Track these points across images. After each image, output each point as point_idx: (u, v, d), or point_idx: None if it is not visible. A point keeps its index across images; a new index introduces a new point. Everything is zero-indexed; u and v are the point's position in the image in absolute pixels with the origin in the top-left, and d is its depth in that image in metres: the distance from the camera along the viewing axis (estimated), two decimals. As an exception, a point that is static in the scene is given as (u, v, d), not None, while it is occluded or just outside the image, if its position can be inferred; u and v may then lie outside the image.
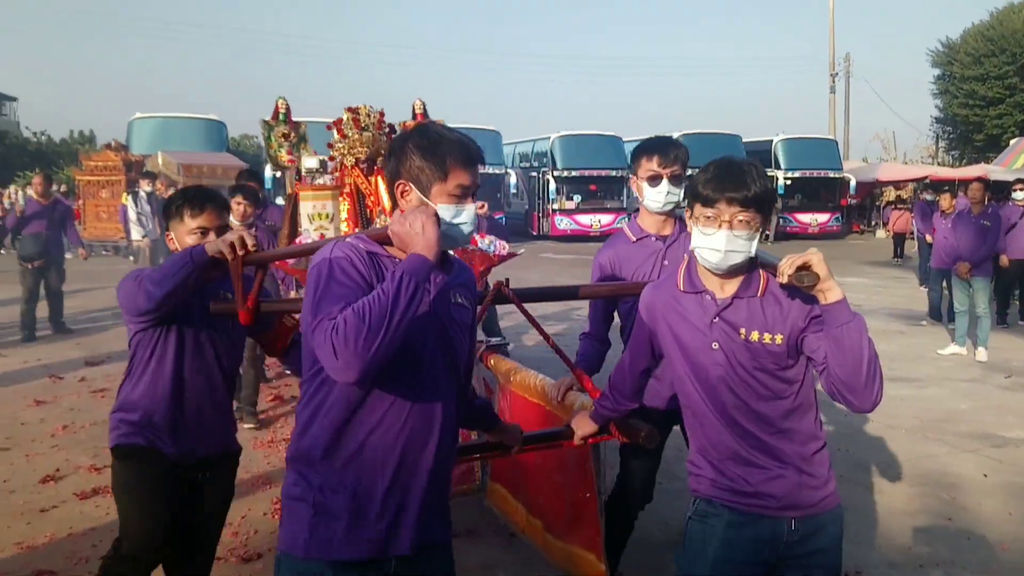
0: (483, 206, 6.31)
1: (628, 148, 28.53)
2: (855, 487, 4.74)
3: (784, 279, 2.06)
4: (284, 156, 5.99)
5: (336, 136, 4.94)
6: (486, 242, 4.60)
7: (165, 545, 2.81)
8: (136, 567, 2.81)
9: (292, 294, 5.64)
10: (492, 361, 3.89)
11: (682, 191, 2.85)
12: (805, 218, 28.10)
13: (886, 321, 10.84)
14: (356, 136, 4.81)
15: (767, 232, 26.33)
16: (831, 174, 28.35)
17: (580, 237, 26.52)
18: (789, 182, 27.56)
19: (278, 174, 5.35)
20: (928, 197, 11.90)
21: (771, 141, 28.30)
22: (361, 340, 1.67)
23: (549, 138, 27.54)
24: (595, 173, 26.98)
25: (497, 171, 25.56)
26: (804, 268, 2.03)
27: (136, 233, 12.07)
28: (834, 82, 38.39)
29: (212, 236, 2.77)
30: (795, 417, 2.22)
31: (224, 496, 3.05)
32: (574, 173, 26.73)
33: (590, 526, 3.13)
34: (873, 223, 31.76)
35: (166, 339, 2.76)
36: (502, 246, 4.70)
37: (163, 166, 18.83)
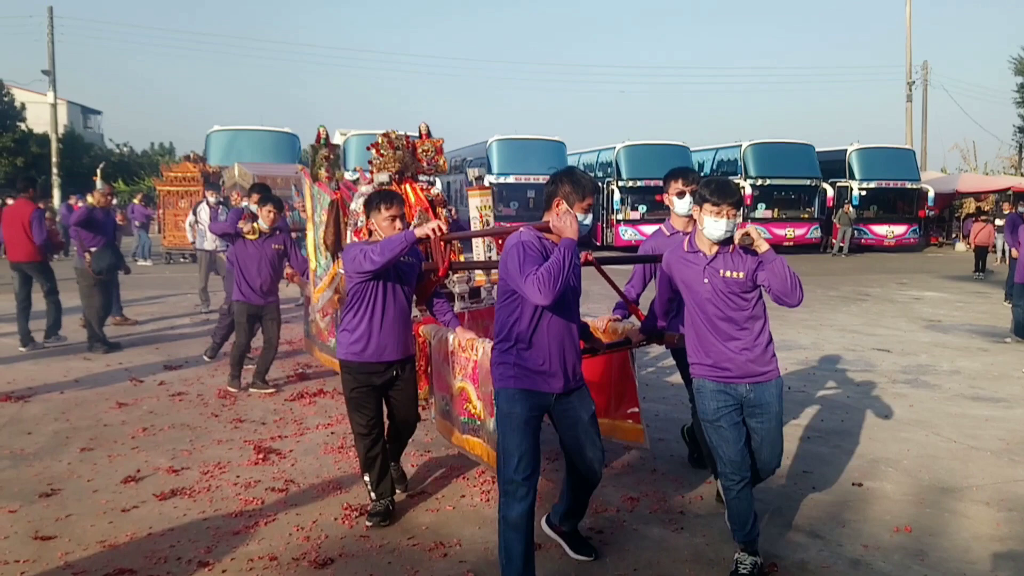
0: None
1: (697, 158, 28.44)
2: (938, 511, 4.56)
3: (737, 243, 3.66)
4: (323, 173, 7.02)
5: (375, 154, 6.18)
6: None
7: (382, 432, 4.53)
8: (364, 440, 4.47)
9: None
10: None
11: None
12: (881, 230, 27.31)
13: (967, 338, 10.43)
14: (390, 154, 6.12)
15: (841, 245, 25.78)
16: (908, 185, 27.50)
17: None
18: (864, 193, 26.84)
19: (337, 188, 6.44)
20: (1022, 209, 11.40)
21: (846, 151, 27.56)
22: (551, 283, 3.28)
23: (614, 148, 27.38)
24: (661, 183, 26.66)
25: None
26: (746, 235, 3.61)
27: (201, 242, 12.26)
28: (911, 91, 37.22)
29: (398, 223, 4.35)
30: (751, 322, 3.74)
31: (413, 382, 4.69)
32: (639, 183, 26.48)
33: (631, 403, 4.86)
34: (952, 236, 30.69)
35: (375, 287, 4.32)
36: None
37: (239, 177, 19.34)
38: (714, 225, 3.64)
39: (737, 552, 3.78)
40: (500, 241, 5.97)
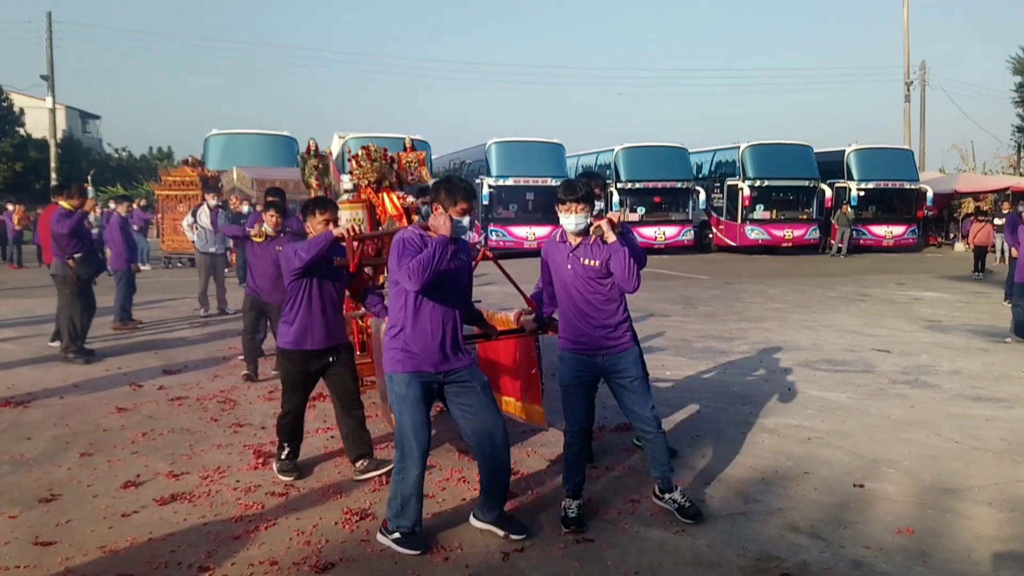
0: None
1: (696, 159, 28.44)
2: (939, 512, 4.55)
3: (592, 236, 4.29)
4: (313, 182, 7.57)
5: (354, 165, 6.68)
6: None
7: (301, 415, 5.28)
8: (287, 414, 5.21)
9: None
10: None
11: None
12: (879, 230, 27.34)
13: (968, 338, 10.43)
14: (368, 165, 6.61)
15: (840, 246, 25.78)
16: (907, 185, 27.53)
17: (644, 250, 26.15)
18: (862, 193, 26.85)
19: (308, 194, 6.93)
20: (1021, 208, 11.40)
21: (844, 151, 27.57)
22: (420, 272, 3.82)
23: (613, 150, 27.38)
24: (660, 185, 26.70)
25: (559, 183, 25.51)
26: (597, 227, 4.23)
27: (204, 246, 12.25)
28: (909, 91, 37.28)
29: (331, 226, 4.98)
30: (607, 304, 4.33)
31: (350, 361, 5.22)
32: (638, 185, 26.51)
33: (536, 388, 5.36)
34: (951, 236, 30.71)
35: (309, 283, 4.92)
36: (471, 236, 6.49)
37: (238, 181, 19.35)
38: (565, 220, 4.32)
39: (565, 499, 4.39)
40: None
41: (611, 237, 4.19)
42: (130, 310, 11.16)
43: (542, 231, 24.28)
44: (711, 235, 27.85)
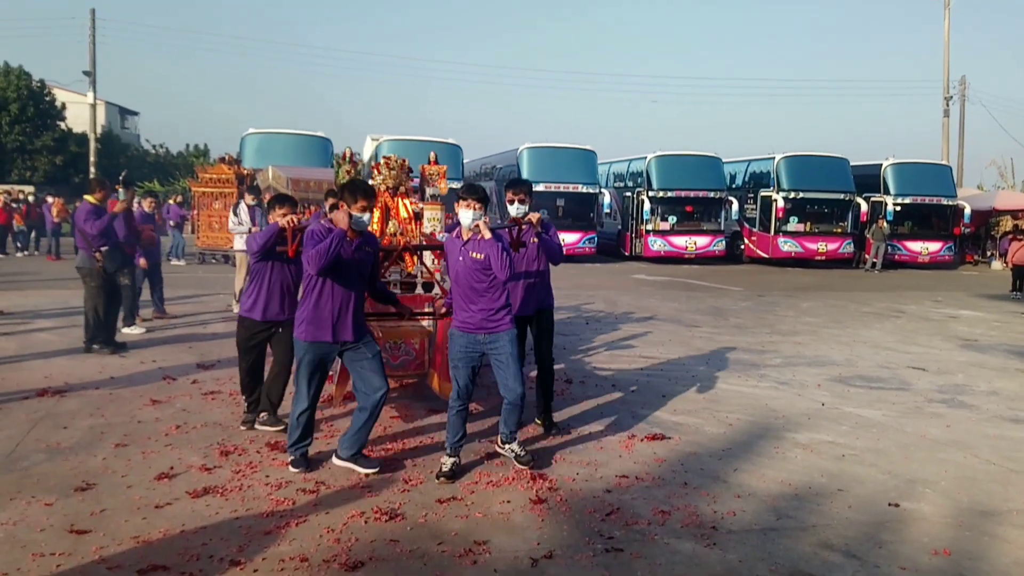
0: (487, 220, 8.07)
1: (729, 169, 28.23)
2: (977, 534, 4.46)
3: (468, 233, 5.11)
4: None
5: (376, 172, 7.46)
6: (441, 236, 6.84)
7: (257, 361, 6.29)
8: (244, 375, 6.30)
9: None
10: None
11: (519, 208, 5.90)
12: (915, 246, 26.94)
13: (1005, 358, 10.23)
14: (387, 173, 7.38)
15: (875, 261, 25.41)
16: (944, 201, 27.09)
17: (674, 259, 26.08)
18: (899, 208, 26.48)
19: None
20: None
21: (880, 165, 27.21)
22: (319, 259, 4.76)
23: (646, 158, 27.25)
24: (693, 194, 26.52)
25: (590, 190, 25.49)
26: (476, 227, 5.04)
27: (237, 243, 12.47)
28: (948, 106, 36.73)
29: (287, 219, 5.65)
30: (489, 291, 5.11)
31: (289, 335, 5.65)
32: (670, 194, 26.34)
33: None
34: (988, 254, 30.19)
35: (267, 265, 5.89)
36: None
37: (273, 180, 19.50)
38: (464, 214, 5.13)
39: (444, 457, 5.23)
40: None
41: (486, 234, 5.01)
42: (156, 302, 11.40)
43: (571, 237, 24.25)
44: (743, 246, 27.61)
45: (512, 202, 5.91)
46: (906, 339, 11.63)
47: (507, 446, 5.43)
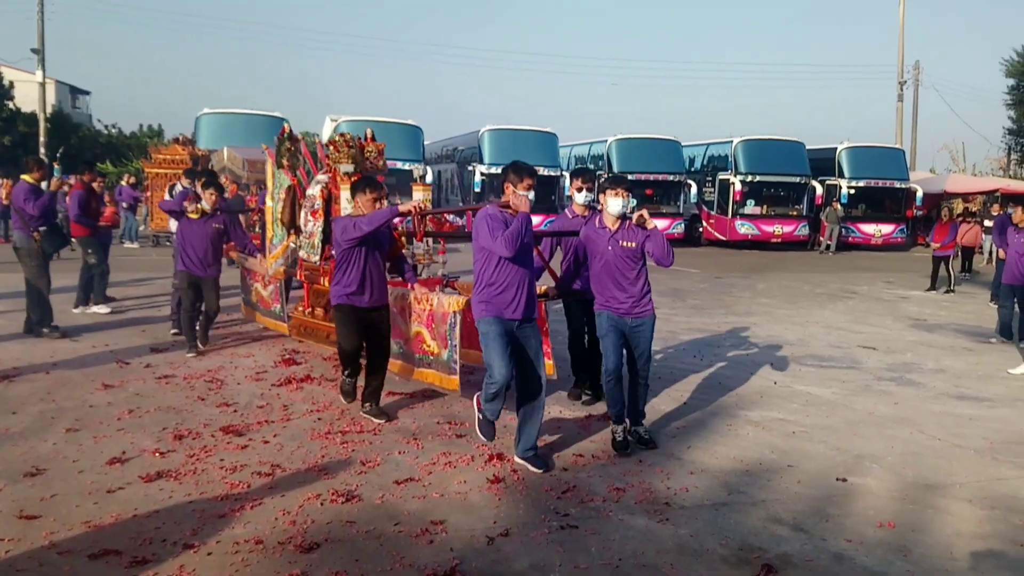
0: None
1: (688, 152, 28.45)
2: (922, 508, 4.60)
3: (634, 221, 5.31)
4: (285, 163, 8.07)
5: (332, 149, 7.38)
6: (451, 217, 7.82)
7: (359, 352, 6.10)
8: (346, 359, 6.15)
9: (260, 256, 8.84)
10: (456, 284, 7.26)
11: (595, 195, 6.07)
12: (868, 229, 27.46)
13: (953, 337, 10.52)
14: (344, 151, 7.29)
15: (829, 243, 25.88)
16: (897, 184, 27.63)
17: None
18: (853, 191, 26.95)
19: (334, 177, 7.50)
20: (1010, 211, 11.49)
21: (835, 149, 27.64)
22: (512, 242, 4.77)
23: (606, 141, 27.36)
24: (652, 177, 26.70)
25: (552, 173, 25.52)
26: (640, 216, 5.27)
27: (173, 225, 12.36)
28: (902, 90, 37.41)
29: (379, 204, 5.87)
30: (637, 278, 5.38)
31: (388, 325, 6.16)
32: (630, 176, 26.34)
33: (546, 344, 6.21)
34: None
35: (360, 250, 5.81)
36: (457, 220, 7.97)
37: (228, 161, 19.22)
38: (614, 203, 5.37)
39: (612, 425, 5.48)
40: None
41: (651, 224, 5.29)
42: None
43: (535, 219, 24.25)
44: (701, 229, 27.91)
45: (581, 190, 6.26)
46: (857, 319, 11.88)
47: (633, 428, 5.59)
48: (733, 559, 3.87)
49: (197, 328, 8.25)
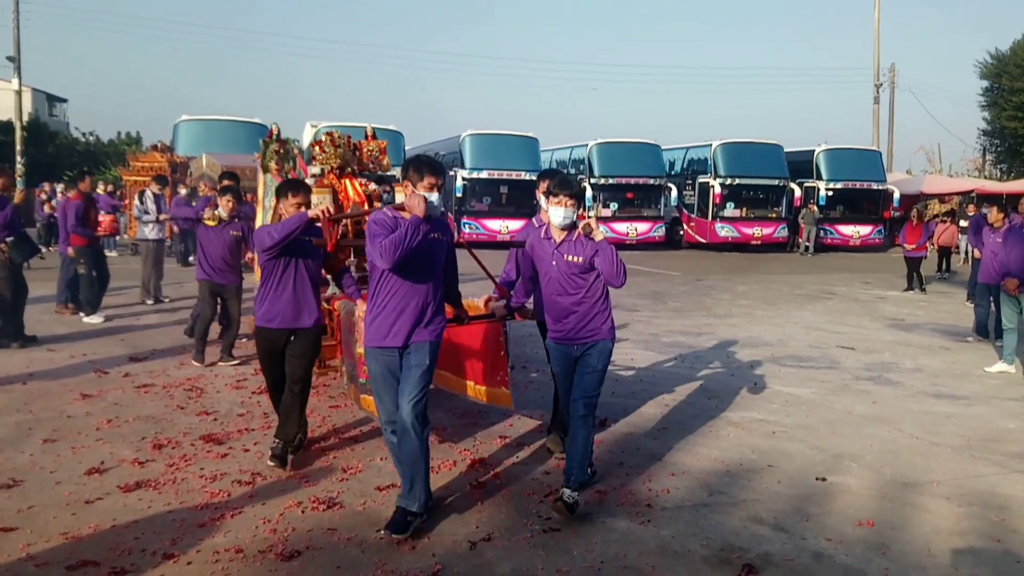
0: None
1: (668, 156, 28.58)
2: (900, 505, 4.65)
3: (579, 230, 4.47)
4: (273, 166, 7.71)
5: (317, 150, 6.86)
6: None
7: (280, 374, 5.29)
8: (272, 390, 5.40)
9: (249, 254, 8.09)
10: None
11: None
12: (847, 230, 27.70)
13: (930, 336, 10.63)
14: (332, 151, 6.77)
15: (807, 244, 26.09)
16: (874, 186, 27.91)
17: (615, 245, 26.21)
18: (831, 193, 27.18)
19: (312, 179, 7.17)
20: (985, 211, 11.65)
21: (813, 151, 27.89)
22: (392, 251, 3.91)
23: (587, 145, 27.44)
24: (633, 181, 26.80)
25: (533, 177, 25.53)
26: (587, 225, 4.44)
27: (147, 232, 12.39)
28: (878, 93, 37.76)
29: (303, 208, 5.02)
30: (586, 298, 4.54)
31: (314, 350, 5.35)
32: (611, 180, 26.58)
33: (503, 371, 5.50)
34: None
35: (280, 262, 5.05)
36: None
37: (207, 168, 19.11)
38: (555, 212, 4.49)
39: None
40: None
41: (599, 236, 4.44)
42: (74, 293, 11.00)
43: (515, 224, 24.27)
44: (682, 232, 28.05)
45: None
46: (836, 320, 11.98)
47: (569, 494, 4.34)
48: (714, 559, 3.89)
49: (223, 338, 8.16)
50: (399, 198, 4.58)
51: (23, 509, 4.31)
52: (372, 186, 6.99)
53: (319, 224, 5.11)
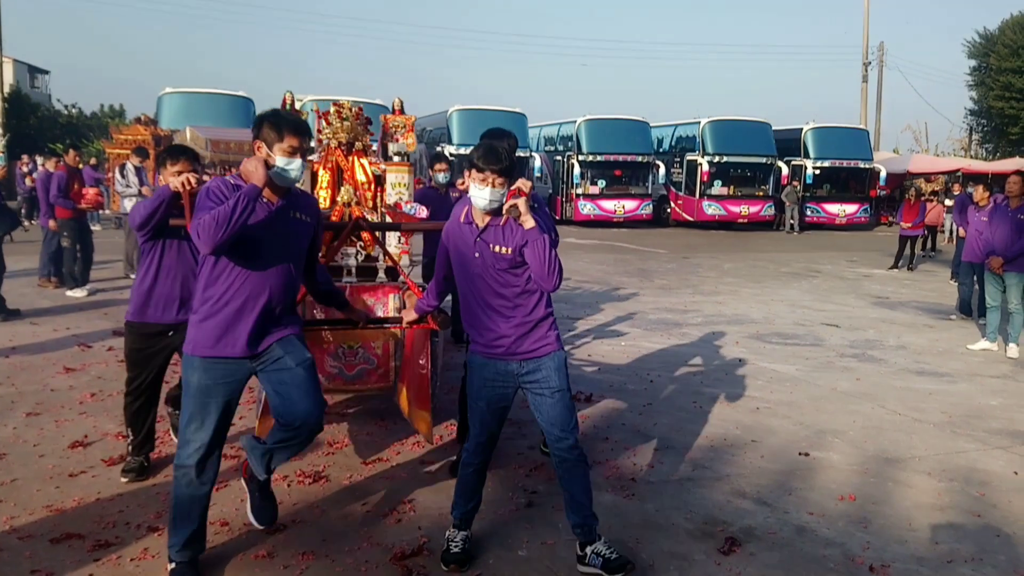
0: (463, 182, 6.86)
1: (656, 133, 28.53)
2: (882, 481, 4.69)
3: (504, 215, 3.36)
4: None
5: (324, 123, 6.02)
6: (408, 208, 5.49)
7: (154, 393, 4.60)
8: (135, 394, 4.54)
9: None
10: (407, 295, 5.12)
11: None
12: (833, 208, 27.79)
13: (914, 315, 10.71)
14: (339, 124, 5.88)
15: (791, 222, 26.16)
16: (861, 164, 27.99)
17: (603, 223, 26.33)
18: (818, 171, 27.24)
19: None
20: (971, 190, 11.71)
21: (801, 130, 27.90)
22: (215, 230, 2.99)
23: (575, 121, 27.33)
24: (621, 158, 26.76)
25: (521, 153, 25.43)
26: (513, 207, 3.30)
27: (128, 205, 12.28)
28: (867, 71, 37.77)
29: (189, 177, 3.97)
30: (522, 298, 3.45)
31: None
32: (599, 158, 26.52)
33: (424, 391, 4.73)
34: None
35: (158, 246, 4.29)
36: (420, 210, 5.57)
37: (191, 141, 18.91)
38: (478, 192, 3.38)
39: (449, 530, 3.68)
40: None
41: (529, 221, 3.30)
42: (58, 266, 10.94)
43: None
44: (669, 209, 28.06)
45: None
46: (821, 297, 12.05)
47: (590, 550, 3.47)
48: (698, 532, 3.92)
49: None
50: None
51: (6, 482, 4.29)
52: (382, 166, 6.03)
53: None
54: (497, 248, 3.40)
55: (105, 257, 13.94)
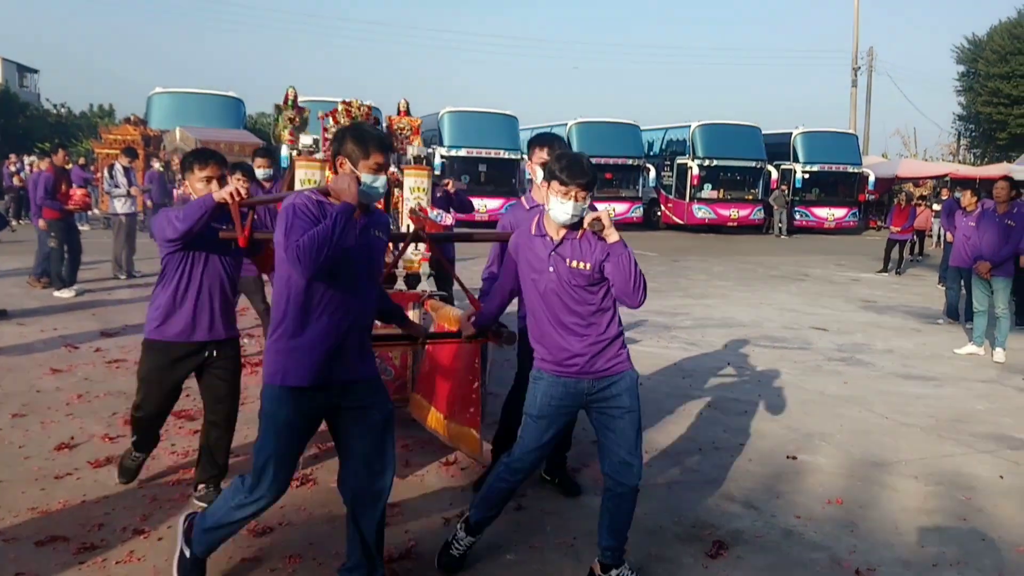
0: (448, 183, 7.06)
1: (647, 137, 28.59)
2: (868, 484, 4.71)
3: (585, 227, 3.22)
4: (286, 136, 6.89)
5: (332, 122, 5.96)
6: (434, 213, 5.28)
7: (161, 419, 4.23)
8: (144, 421, 4.14)
9: None
10: (428, 304, 5.15)
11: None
12: (821, 212, 27.92)
13: (902, 319, 10.76)
14: (346, 124, 5.48)
15: (780, 226, 26.28)
16: (850, 169, 28.14)
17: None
18: (807, 175, 27.38)
19: (295, 152, 6.15)
20: (958, 195, 11.78)
21: (790, 134, 28.03)
22: (311, 252, 2.77)
23: (566, 124, 27.35)
24: (611, 161, 26.79)
25: (512, 156, 25.45)
26: (596, 220, 3.18)
27: (118, 206, 12.27)
28: (856, 76, 37.97)
29: (215, 185, 3.91)
30: (596, 314, 3.30)
31: (234, 372, 4.18)
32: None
33: (474, 408, 4.41)
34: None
35: (185, 258, 3.88)
36: (446, 217, 5.42)
37: (181, 141, 18.85)
38: (560, 208, 3.21)
39: (458, 532, 3.58)
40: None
41: (613, 235, 3.20)
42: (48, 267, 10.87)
43: (493, 203, 24.20)
44: (660, 213, 28.14)
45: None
46: (810, 301, 12.10)
47: (613, 572, 3.42)
48: (686, 536, 3.93)
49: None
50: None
51: (-9, 484, 4.26)
52: (391, 169, 5.76)
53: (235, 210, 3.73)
54: (575, 263, 3.23)
55: (93, 258, 13.86)
